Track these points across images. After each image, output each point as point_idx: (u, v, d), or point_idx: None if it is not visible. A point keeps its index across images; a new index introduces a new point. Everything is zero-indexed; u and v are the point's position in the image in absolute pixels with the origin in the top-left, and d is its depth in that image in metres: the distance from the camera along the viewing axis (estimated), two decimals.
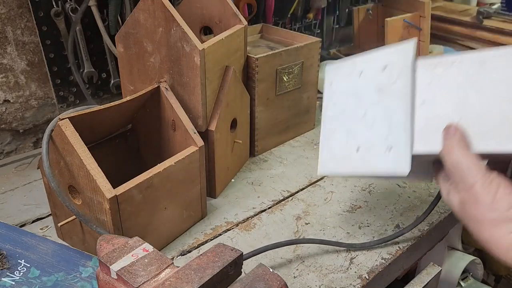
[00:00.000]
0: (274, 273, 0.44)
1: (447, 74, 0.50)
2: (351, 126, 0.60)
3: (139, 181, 0.61)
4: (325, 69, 0.65)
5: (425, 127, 0.52)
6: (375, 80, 0.57)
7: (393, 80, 0.54)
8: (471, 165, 0.47)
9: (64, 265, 0.60)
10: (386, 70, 0.55)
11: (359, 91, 0.59)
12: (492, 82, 0.48)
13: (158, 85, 0.71)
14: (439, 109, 0.51)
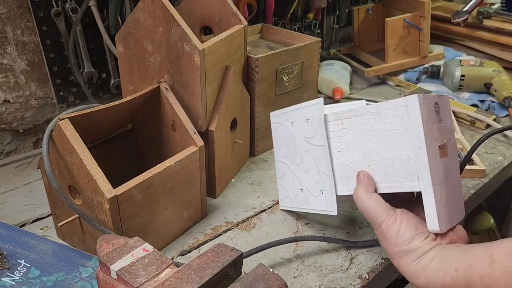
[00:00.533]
0: (274, 273, 0.44)
1: (353, 126, 0.59)
2: (295, 169, 0.71)
3: (139, 181, 0.61)
4: (270, 116, 0.76)
5: (344, 173, 0.61)
6: (303, 130, 0.67)
7: (314, 132, 0.64)
8: (377, 207, 0.55)
9: (64, 265, 0.60)
10: (308, 122, 0.65)
11: (295, 139, 0.69)
12: (386, 131, 0.56)
13: (158, 85, 0.71)
14: (352, 157, 0.60)
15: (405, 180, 0.54)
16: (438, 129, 0.54)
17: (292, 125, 0.70)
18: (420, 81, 1.30)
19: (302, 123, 0.67)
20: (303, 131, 0.67)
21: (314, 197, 0.68)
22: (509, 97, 1.09)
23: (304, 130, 0.67)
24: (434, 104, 0.55)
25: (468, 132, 1.04)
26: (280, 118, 0.73)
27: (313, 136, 0.64)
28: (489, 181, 0.87)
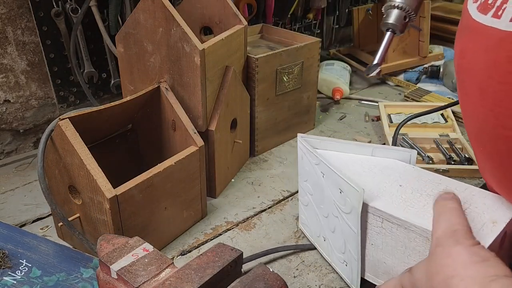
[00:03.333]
0: (274, 273, 0.44)
1: (395, 232, 0.52)
2: (319, 216, 0.64)
3: (139, 181, 0.61)
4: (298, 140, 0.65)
5: (374, 265, 0.57)
6: (335, 195, 0.57)
7: (348, 210, 0.55)
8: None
9: (65, 266, 0.61)
10: (343, 195, 0.55)
11: (323, 189, 0.60)
12: (414, 247, 0.51)
13: (158, 85, 0.71)
14: (386, 259, 0.55)
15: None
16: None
17: (322, 176, 0.60)
18: (420, 81, 1.30)
19: (334, 188, 0.57)
20: (335, 196, 0.57)
21: (336, 258, 0.63)
22: None
23: (336, 197, 0.57)
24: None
25: None
26: (309, 153, 0.62)
27: (346, 213, 0.56)
28: None
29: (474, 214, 0.50)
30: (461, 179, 0.86)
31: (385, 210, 0.52)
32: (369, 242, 0.55)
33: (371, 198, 0.54)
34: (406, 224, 0.50)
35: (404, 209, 0.52)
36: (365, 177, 0.59)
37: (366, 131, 1.06)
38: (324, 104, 1.19)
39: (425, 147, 0.93)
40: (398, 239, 0.52)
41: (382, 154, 0.64)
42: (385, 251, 0.54)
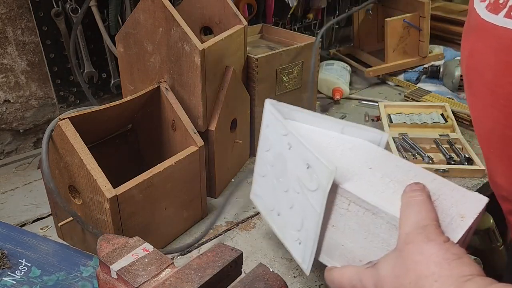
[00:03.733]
0: (274, 273, 0.44)
1: (361, 216, 0.50)
2: (277, 190, 0.60)
3: (139, 181, 0.61)
4: (265, 105, 0.61)
5: (331, 247, 0.54)
6: (301, 170, 0.54)
7: (313, 187, 0.52)
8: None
9: (65, 265, 0.61)
10: (310, 171, 0.52)
11: (287, 162, 0.57)
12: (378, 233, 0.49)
13: (158, 85, 0.71)
14: (346, 242, 0.52)
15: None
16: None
17: (288, 148, 0.56)
18: (420, 81, 1.30)
19: (300, 162, 0.53)
20: (300, 171, 0.54)
21: (290, 237, 0.60)
22: None
23: (301, 172, 0.54)
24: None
25: (468, 132, 1.04)
26: (277, 121, 0.59)
27: (310, 190, 0.53)
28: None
29: (442, 206, 0.48)
30: (462, 179, 0.86)
31: (355, 193, 0.49)
32: (330, 223, 0.53)
33: (340, 178, 0.51)
34: (374, 210, 0.48)
35: (374, 194, 0.49)
36: (333, 154, 0.56)
37: None
38: (324, 104, 1.19)
39: (425, 147, 0.93)
40: (363, 224, 0.50)
41: (352, 132, 0.60)
42: (346, 234, 0.52)
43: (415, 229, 0.42)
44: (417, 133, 0.97)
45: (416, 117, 1.04)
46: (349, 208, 0.50)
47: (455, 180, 0.86)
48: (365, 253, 0.51)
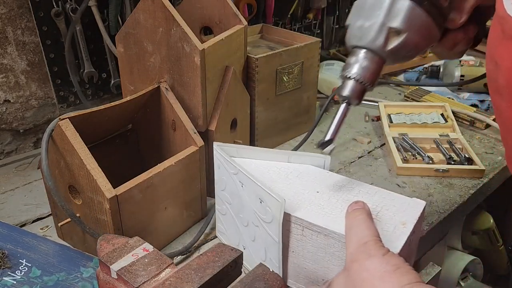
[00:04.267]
0: (274, 273, 0.44)
1: (315, 239, 0.53)
2: (238, 225, 0.64)
3: (139, 181, 0.61)
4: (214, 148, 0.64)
5: (295, 271, 0.57)
6: (255, 203, 0.57)
7: (269, 220, 0.55)
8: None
9: (65, 265, 0.61)
10: (263, 205, 0.55)
11: (242, 199, 0.60)
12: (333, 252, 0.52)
13: (158, 85, 0.71)
14: (307, 264, 0.55)
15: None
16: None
17: (241, 186, 0.59)
18: (420, 81, 1.30)
19: (254, 197, 0.57)
20: (255, 205, 0.57)
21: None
22: None
23: (256, 206, 0.57)
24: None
25: (468, 132, 1.04)
26: (226, 162, 0.61)
27: (266, 222, 0.56)
28: (489, 181, 0.87)
29: (386, 217, 0.53)
30: (462, 179, 0.86)
31: (306, 219, 0.53)
32: (290, 250, 0.56)
33: (291, 207, 0.54)
34: (325, 231, 0.51)
35: (323, 216, 0.53)
36: (283, 184, 0.60)
37: (366, 131, 1.06)
38: (324, 104, 1.18)
39: (425, 147, 0.93)
40: (318, 246, 0.53)
41: (298, 160, 0.65)
42: (306, 257, 0.55)
43: (357, 248, 0.45)
44: (417, 133, 0.97)
45: (416, 117, 1.04)
46: (303, 233, 0.54)
47: (455, 180, 0.86)
48: (326, 271, 0.54)
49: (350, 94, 0.52)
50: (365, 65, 0.50)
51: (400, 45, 0.48)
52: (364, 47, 0.50)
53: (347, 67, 0.51)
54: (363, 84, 0.51)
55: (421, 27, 0.48)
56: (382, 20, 0.48)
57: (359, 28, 0.50)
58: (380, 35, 0.48)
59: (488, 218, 1.31)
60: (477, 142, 1.00)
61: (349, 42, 0.51)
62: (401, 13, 0.47)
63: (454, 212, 0.79)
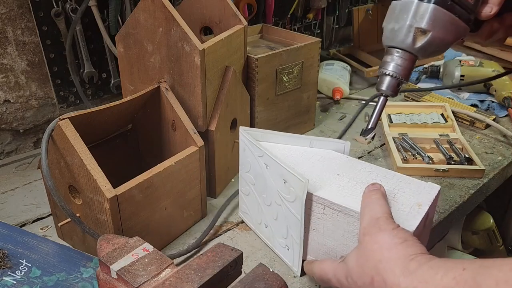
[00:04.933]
0: (274, 273, 0.44)
1: (335, 217, 0.57)
2: (261, 204, 0.68)
3: (139, 181, 0.61)
4: (240, 132, 0.68)
5: (315, 248, 0.61)
6: (279, 185, 0.61)
7: (292, 199, 0.59)
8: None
9: (65, 266, 0.61)
10: (287, 185, 0.60)
11: (266, 181, 0.64)
12: (352, 230, 0.56)
13: (158, 85, 0.71)
14: (327, 241, 0.60)
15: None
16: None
17: (265, 167, 0.64)
18: (420, 81, 1.30)
19: (278, 178, 0.61)
20: (279, 185, 0.61)
21: (278, 244, 0.67)
22: (509, 97, 1.09)
23: (280, 186, 0.61)
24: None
25: (468, 132, 1.04)
26: (252, 145, 0.66)
27: (289, 201, 0.60)
28: (489, 181, 0.87)
29: (402, 198, 0.57)
30: (461, 179, 0.86)
31: (327, 198, 0.57)
32: (311, 227, 0.60)
33: (313, 187, 0.59)
34: (345, 210, 0.55)
35: (343, 196, 0.57)
36: (305, 167, 0.64)
37: None
38: (324, 104, 1.19)
39: (425, 147, 0.93)
40: (338, 224, 0.57)
41: (319, 145, 0.69)
42: (326, 235, 0.59)
43: (369, 223, 0.50)
44: (417, 133, 0.97)
45: (416, 117, 1.04)
46: (324, 212, 0.58)
47: (455, 180, 0.86)
48: (344, 248, 0.58)
49: (387, 88, 0.57)
50: (399, 62, 0.56)
51: (427, 42, 0.54)
52: (396, 47, 0.56)
53: (383, 64, 0.57)
54: (398, 79, 0.57)
55: (445, 25, 0.53)
56: (409, 22, 0.53)
57: (391, 31, 0.56)
58: (408, 35, 0.54)
59: (488, 218, 1.31)
60: (477, 142, 1.00)
61: (384, 42, 0.58)
62: (425, 14, 0.52)
63: (454, 212, 0.79)
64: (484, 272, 0.38)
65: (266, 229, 0.69)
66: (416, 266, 0.43)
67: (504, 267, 0.37)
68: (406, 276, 0.43)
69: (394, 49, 0.56)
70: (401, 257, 0.45)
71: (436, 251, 0.97)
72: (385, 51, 0.58)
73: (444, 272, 0.40)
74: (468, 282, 0.38)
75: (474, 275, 0.38)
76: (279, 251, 0.67)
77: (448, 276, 0.40)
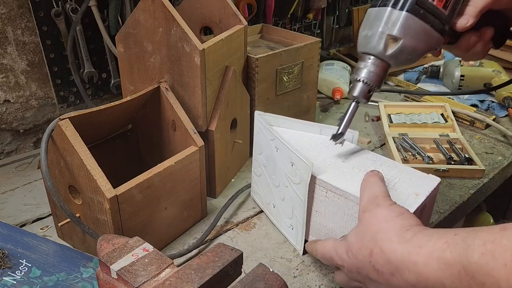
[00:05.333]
0: (274, 273, 0.44)
1: (337, 201, 0.60)
2: (271, 185, 0.72)
3: (139, 181, 0.61)
4: (255, 116, 0.72)
5: (317, 229, 0.64)
6: (287, 168, 0.64)
7: (297, 181, 0.62)
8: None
9: (65, 266, 0.61)
10: (294, 168, 0.63)
11: (276, 163, 0.68)
12: (351, 213, 0.59)
13: (158, 85, 0.71)
14: (328, 223, 0.62)
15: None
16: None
17: (276, 150, 0.67)
18: (420, 81, 1.30)
19: (286, 161, 0.64)
20: (286, 168, 0.65)
21: (284, 224, 0.70)
22: (509, 97, 1.09)
23: (287, 169, 0.65)
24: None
25: (468, 132, 1.04)
26: (265, 129, 0.70)
27: (295, 183, 0.63)
28: (489, 181, 0.87)
29: (401, 187, 0.59)
30: (461, 179, 0.86)
31: (330, 182, 0.59)
32: (314, 209, 0.63)
33: (318, 171, 0.61)
34: (346, 195, 0.58)
35: (345, 181, 0.59)
36: (313, 152, 0.67)
37: (366, 131, 1.06)
38: (324, 104, 1.19)
39: (425, 147, 0.93)
40: (339, 207, 0.60)
41: (329, 133, 0.70)
42: (327, 217, 0.62)
43: (368, 201, 0.53)
44: (417, 133, 0.97)
45: (416, 117, 1.04)
46: (327, 195, 0.61)
47: (455, 180, 0.86)
48: (344, 231, 0.60)
49: (358, 94, 0.58)
50: (371, 69, 0.57)
51: (398, 50, 0.54)
52: (369, 53, 0.57)
53: (356, 70, 0.58)
54: (370, 85, 0.57)
55: (418, 33, 0.54)
56: (381, 29, 0.55)
57: (364, 37, 0.57)
58: (380, 42, 0.55)
59: (488, 218, 1.31)
60: (477, 142, 1.00)
61: (358, 49, 0.58)
62: (397, 22, 0.53)
63: (454, 212, 0.79)
64: (474, 235, 0.41)
65: (274, 209, 0.72)
66: (411, 235, 0.46)
67: (492, 229, 0.40)
68: (402, 243, 0.45)
69: (367, 56, 0.57)
70: (397, 228, 0.47)
71: None
72: (359, 57, 0.59)
73: (437, 237, 0.44)
74: (459, 243, 0.41)
75: (464, 238, 0.41)
76: (284, 230, 0.71)
77: (441, 240, 0.43)
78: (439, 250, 0.42)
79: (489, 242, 0.39)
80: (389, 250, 0.46)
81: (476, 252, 0.39)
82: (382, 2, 0.55)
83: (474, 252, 0.39)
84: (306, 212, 0.63)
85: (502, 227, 0.39)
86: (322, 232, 0.64)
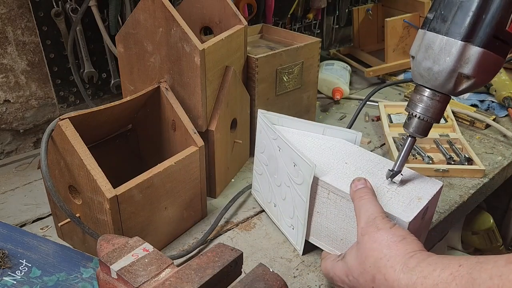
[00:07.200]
0: (274, 273, 0.44)
1: (339, 203, 0.60)
2: (272, 184, 0.71)
3: (139, 181, 0.61)
4: (257, 115, 0.72)
5: (318, 229, 0.64)
6: (289, 168, 0.64)
7: (300, 182, 0.62)
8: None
9: (65, 266, 0.61)
10: (296, 168, 0.62)
11: (278, 163, 0.68)
12: (352, 216, 0.58)
13: (158, 85, 0.71)
14: (329, 224, 0.62)
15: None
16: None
17: (278, 150, 0.67)
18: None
19: (289, 161, 0.64)
20: (289, 168, 0.65)
21: (285, 223, 0.70)
22: (509, 97, 1.09)
23: (290, 169, 0.64)
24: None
25: (468, 132, 1.04)
26: (268, 128, 0.69)
27: (297, 184, 0.63)
28: (489, 181, 0.87)
29: (404, 191, 0.59)
30: (461, 179, 0.86)
31: (332, 184, 0.60)
32: (315, 210, 0.63)
33: (321, 172, 0.61)
34: (348, 197, 0.58)
35: (348, 184, 0.58)
36: (316, 153, 0.67)
37: (366, 131, 1.06)
38: (324, 104, 1.19)
39: (425, 147, 0.93)
40: (340, 209, 0.60)
41: (332, 133, 0.72)
42: (328, 218, 0.62)
43: (367, 223, 0.51)
44: None
45: None
46: (329, 197, 0.61)
47: (455, 180, 0.86)
48: (345, 232, 0.60)
49: (414, 130, 0.56)
50: (430, 104, 0.53)
51: (470, 87, 0.51)
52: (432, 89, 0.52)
53: (412, 105, 0.55)
54: (428, 122, 0.55)
55: (490, 66, 0.50)
56: (452, 67, 0.49)
57: (427, 70, 0.52)
58: (450, 80, 0.50)
59: (488, 218, 1.31)
60: (477, 142, 1.00)
61: (415, 79, 0.54)
62: (472, 60, 0.48)
63: (454, 212, 0.79)
64: (479, 267, 0.40)
65: (275, 208, 0.72)
66: (415, 263, 0.45)
67: (498, 262, 0.39)
68: (405, 272, 0.44)
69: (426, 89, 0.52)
70: (400, 254, 0.46)
71: (436, 251, 0.97)
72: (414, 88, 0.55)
73: (442, 268, 0.42)
74: (464, 277, 0.40)
75: (469, 270, 0.40)
76: (285, 230, 0.71)
77: (446, 272, 0.42)
78: (444, 282, 0.41)
79: (496, 276, 0.38)
80: (393, 279, 0.45)
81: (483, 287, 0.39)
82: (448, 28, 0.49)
83: (481, 287, 0.39)
84: (307, 213, 0.63)
85: (508, 260, 0.39)
86: (322, 233, 0.64)
